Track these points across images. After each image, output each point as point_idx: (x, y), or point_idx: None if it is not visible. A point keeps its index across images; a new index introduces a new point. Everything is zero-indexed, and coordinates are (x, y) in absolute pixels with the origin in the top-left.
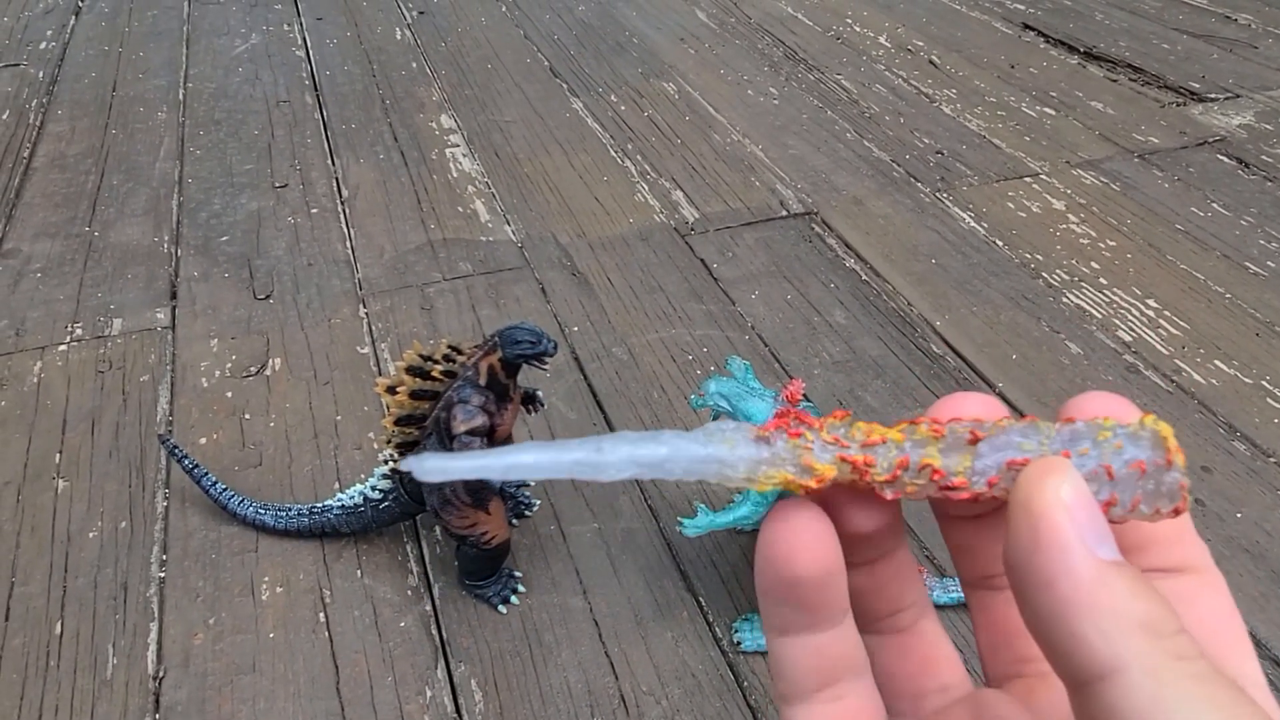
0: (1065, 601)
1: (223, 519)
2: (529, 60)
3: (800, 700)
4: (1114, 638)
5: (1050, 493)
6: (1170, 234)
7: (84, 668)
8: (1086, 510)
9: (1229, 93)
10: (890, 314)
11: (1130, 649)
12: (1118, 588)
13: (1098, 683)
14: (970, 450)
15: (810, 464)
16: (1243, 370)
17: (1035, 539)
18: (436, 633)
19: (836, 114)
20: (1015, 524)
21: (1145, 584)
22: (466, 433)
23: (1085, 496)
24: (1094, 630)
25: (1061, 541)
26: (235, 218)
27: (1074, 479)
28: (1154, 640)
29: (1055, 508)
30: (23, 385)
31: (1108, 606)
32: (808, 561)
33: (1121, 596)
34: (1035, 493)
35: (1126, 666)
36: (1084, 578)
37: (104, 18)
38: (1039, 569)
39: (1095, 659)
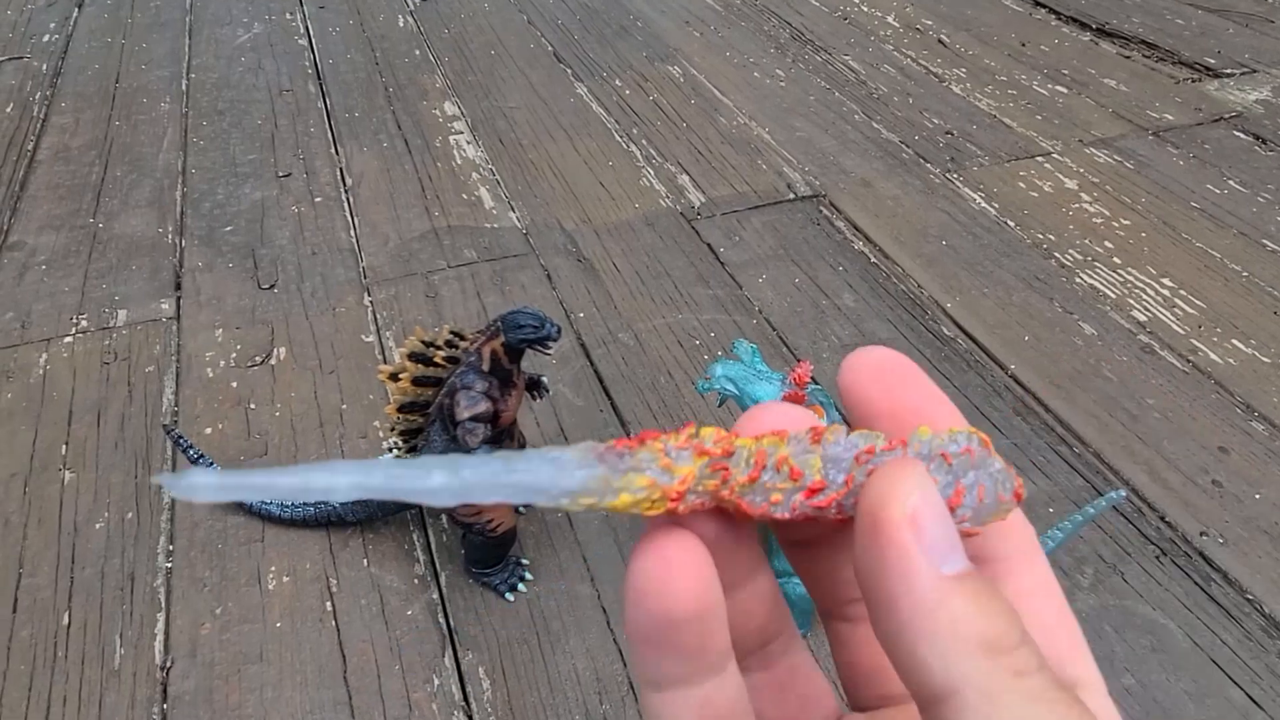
0: (905, 623)
1: (228, 509)
2: (532, 46)
3: None
4: (950, 659)
5: (895, 503)
6: (1185, 212)
7: (91, 658)
8: (934, 519)
9: (1245, 68)
10: (900, 296)
11: (965, 670)
12: (957, 606)
13: (938, 705)
14: (817, 449)
15: (669, 465)
16: (1261, 349)
17: (879, 556)
18: (444, 621)
19: (844, 95)
20: (860, 535)
21: (989, 596)
22: (470, 419)
23: (933, 504)
24: (931, 652)
25: (904, 559)
26: (239, 208)
27: (922, 483)
28: (991, 659)
29: (899, 521)
30: (29, 377)
31: (946, 627)
32: (686, 596)
33: (961, 615)
34: (880, 502)
35: (961, 688)
36: (924, 598)
37: (106, 9)
38: (881, 587)
39: (933, 681)
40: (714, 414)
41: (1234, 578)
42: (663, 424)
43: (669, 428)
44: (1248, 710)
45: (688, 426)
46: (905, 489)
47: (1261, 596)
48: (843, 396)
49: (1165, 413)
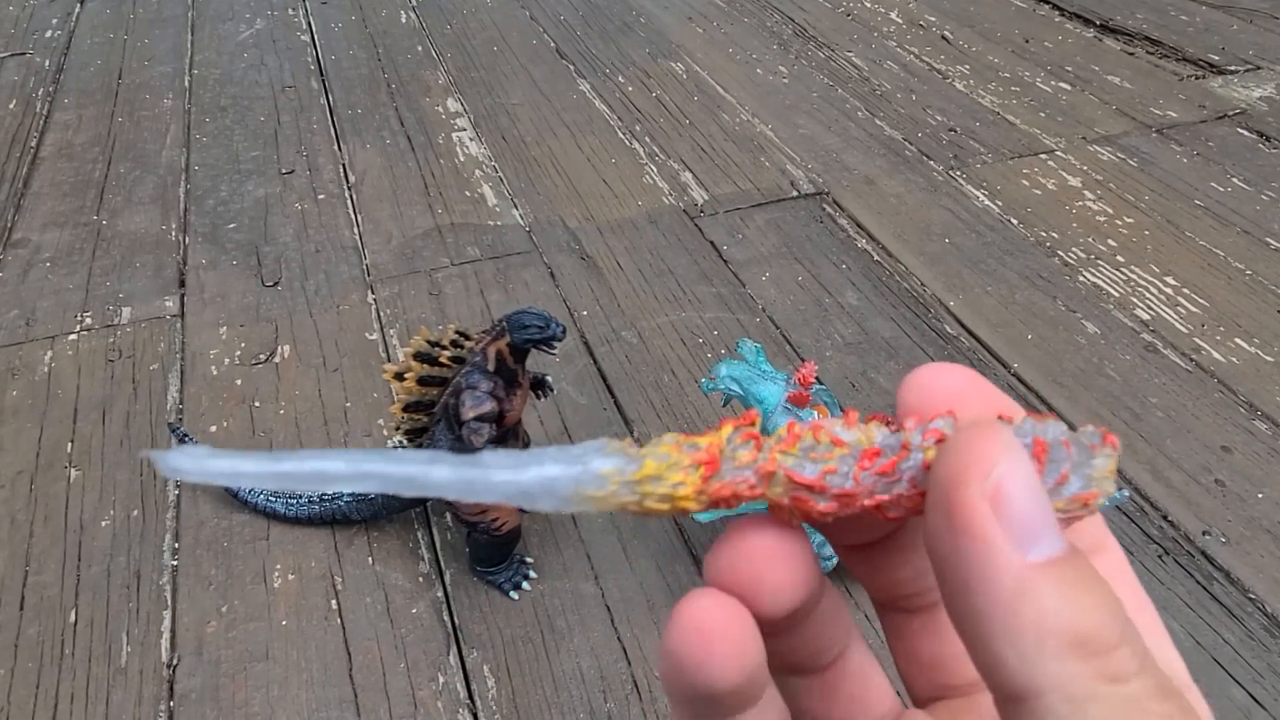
0: (982, 616)
1: (234, 507)
2: (535, 42)
3: None
4: (1033, 660)
5: (974, 481)
6: (1189, 210)
7: (98, 656)
8: (1022, 496)
9: (1249, 64)
10: (903, 294)
11: (1051, 672)
12: (1045, 598)
13: (1017, 704)
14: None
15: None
16: (1264, 348)
17: (953, 539)
18: (449, 619)
19: (847, 92)
20: (932, 515)
21: (1085, 587)
22: (475, 419)
23: (1022, 476)
24: (1011, 651)
25: (982, 544)
26: (242, 205)
27: (1009, 454)
28: (1082, 660)
29: (977, 506)
30: (34, 375)
31: (1030, 623)
32: (726, 670)
33: (1049, 610)
34: (956, 480)
35: (1045, 692)
36: (1005, 590)
37: (109, 5)
38: (956, 574)
39: (1012, 681)
40: (719, 413)
41: (1236, 577)
42: (666, 423)
43: (674, 427)
44: (1249, 709)
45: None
46: (987, 457)
47: (1264, 596)
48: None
49: (1168, 411)
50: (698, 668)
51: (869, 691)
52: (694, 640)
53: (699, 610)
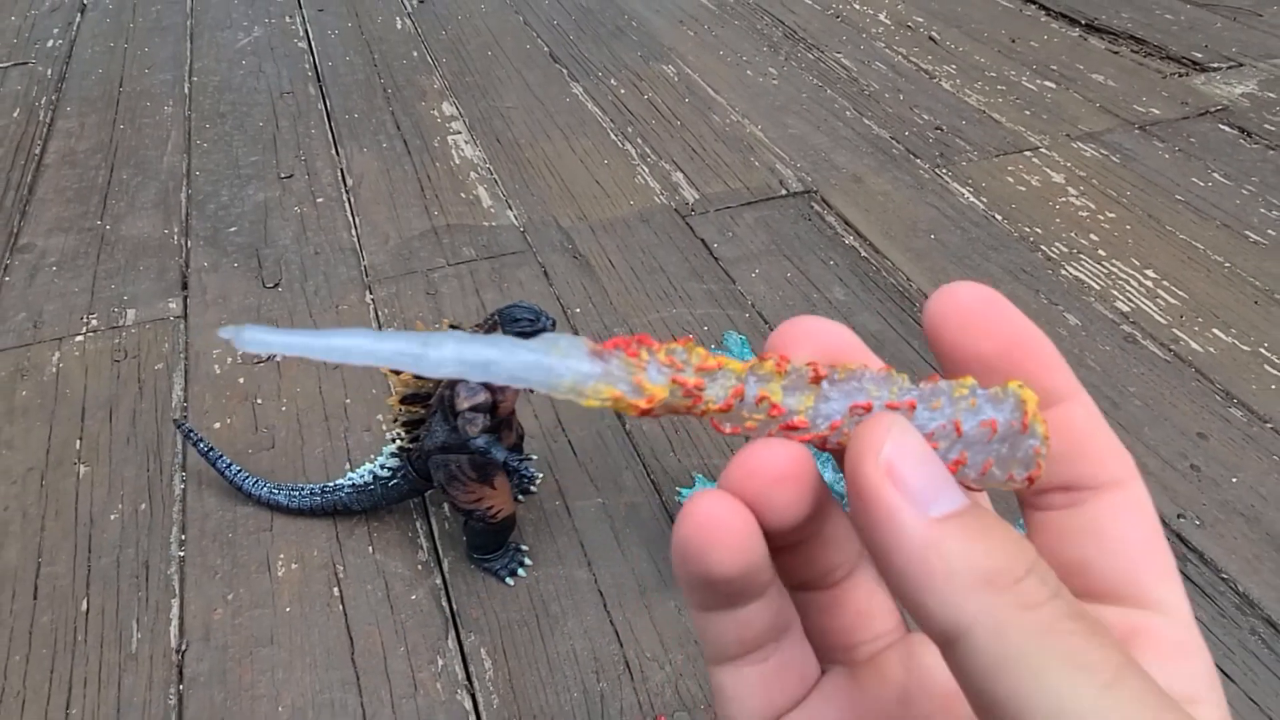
0: (901, 574)
1: (238, 500)
2: (529, 46)
3: (728, 663)
4: (951, 602)
5: (869, 458)
6: (1170, 205)
7: (110, 642)
8: (914, 465)
9: (1232, 61)
10: (889, 290)
11: (970, 609)
12: (950, 546)
13: (951, 647)
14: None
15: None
16: (1241, 338)
17: (865, 514)
18: (447, 605)
19: (836, 92)
20: (849, 497)
21: (985, 530)
22: (470, 409)
23: (912, 450)
24: (931, 599)
25: (887, 511)
26: (243, 209)
27: (898, 432)
28: (995, 593)
29: (874, 477)
30: (42, 375)
31: (940, 570)
32: (727, 560)
33: (955, 554)
34: (859, 459)
35: (969, 629)
36: (913, 546)
37: (109, 14)
38: (873, 543)
39: (939, 626)
40: None
41: (1210, 558)
42: (659, 420)
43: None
44: (1221, 683)
45: (686, 340)
46: (877, 440)
47: (1236, 576)
48: (929, 343)
49: (1146, 400)
50: (701, 555)
51: (874, 608)
52: (699, 531)
53: (706, 506)
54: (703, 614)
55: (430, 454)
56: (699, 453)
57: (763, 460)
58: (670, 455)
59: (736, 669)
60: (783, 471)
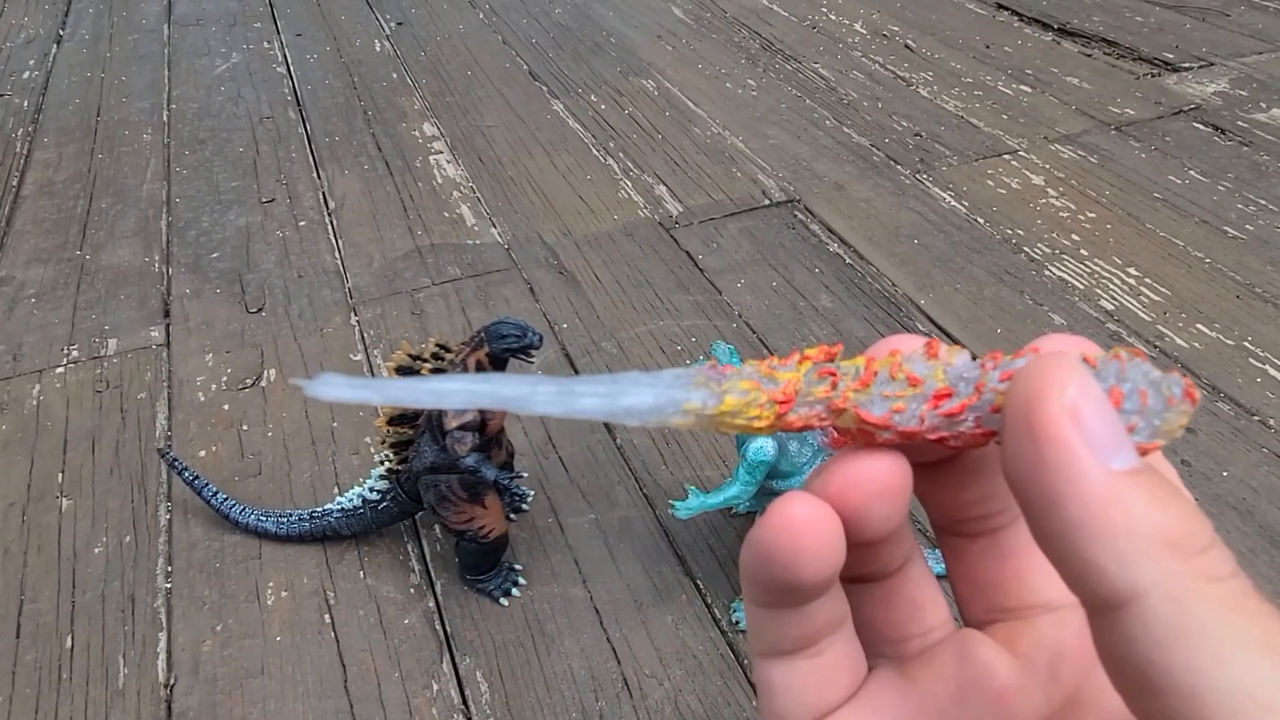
0: (1074, 525)
1: (225, 528)
2: (508, 65)
3: (780, 657)
4: (1130, 561)
5: (1052, 397)
6: (1149, 203)
7: (96, 679)
8: (1096, 413)
9: (1203, 61)
10: (875, 295)
11: (1149, 573)
12: (1134, 503)
13: (1115, 610)
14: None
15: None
16: (1225, 332)
17: (1036, 454)
18: (440, 628)
19: (815, 102)
20: (1012, 435)
21: (1170, 493)
22: (458, 428)
23: (1094, 396)
24: (1107, 554)
25: (1068, 455)
26: (224, 234)
27: (1080, 376)
28: (1178, 560)
29: (1057, 416)
30: (22, 408)
31: (1122, 526)
32: (814, 567)
33: (1140, 513)
34: (1033, 397)
35: (1145, 593)
36: (1094, 496)
37: (85, 44)
38: (1042, 489)
39: (1111, 586)
40: None
41: None
42: (647, 428)
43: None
44: None
45: (792, 354)
46: (1061, 379)
47: None
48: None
49: None
50: (788, 560)
51: (925, 601)
52: (788, 536)
53: (799, 511)
54: (763, 610)
55: (420, 475)
56: (691, 465)
57: (865, 472)
58: (662, 468)
59: (790, 663)
60: (886, 485)
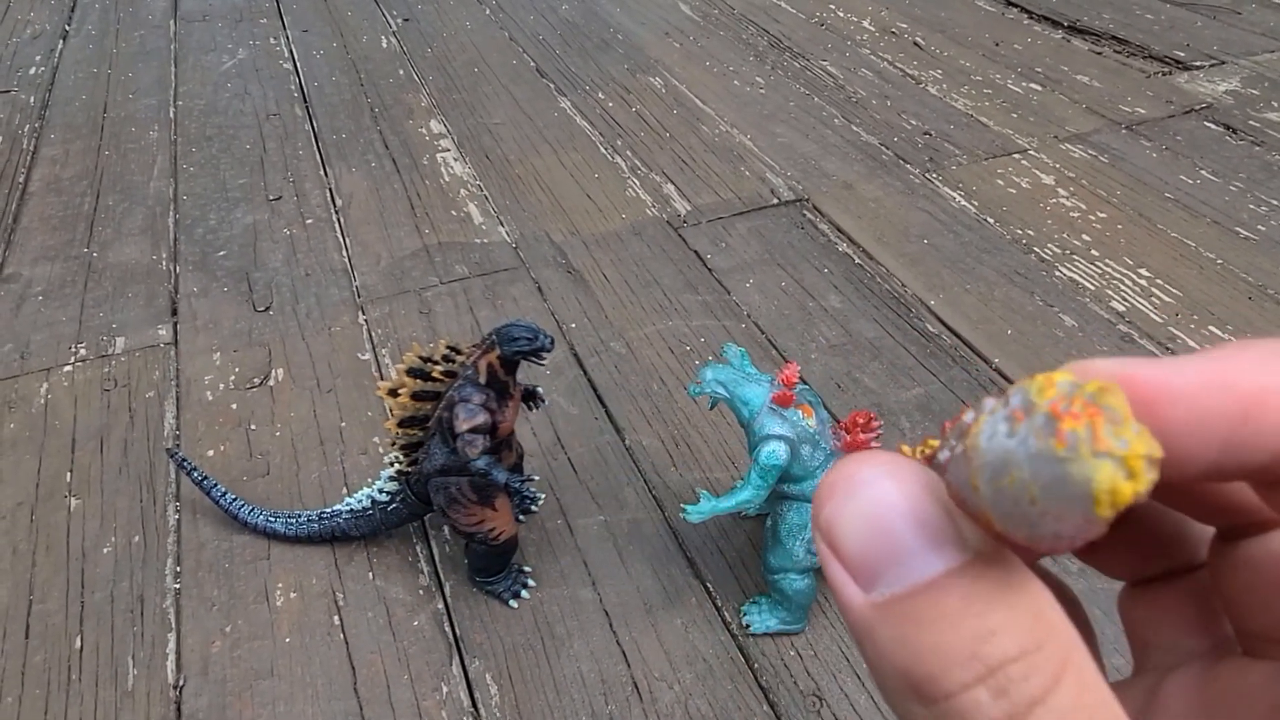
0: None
1: (234, 529)
2: (515, 62)
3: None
4: (890, 698)
5: (818, 512)
6: (1160, 203)
7: (105, 680)
8: (854, 533)
9: (1214, 59)
10: (885, 296)
11: (902, 712)
12: (881, 640)
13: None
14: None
15: None
16: (1236, 334)
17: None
18: (450, 630)
19: (823, 100)
20: None
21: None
22: (469, 431)
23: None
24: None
25: (832, 578)
26: (231, 232)
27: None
28: (921, 705)
29: (819, 538)
30: (30, 407)
31: (874, 663)
32: None
33: (885, 652)
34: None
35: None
36: (854, 624)
37: (91, 40)
38: None
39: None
40: (705, 416)
41: None
42: (656, 430)
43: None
44: None
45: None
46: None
47: None
48: None
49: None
50: None
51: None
52: None
53: None
54: None
55: (430, 477)
56: (700, 467)
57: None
58: (671, 470)
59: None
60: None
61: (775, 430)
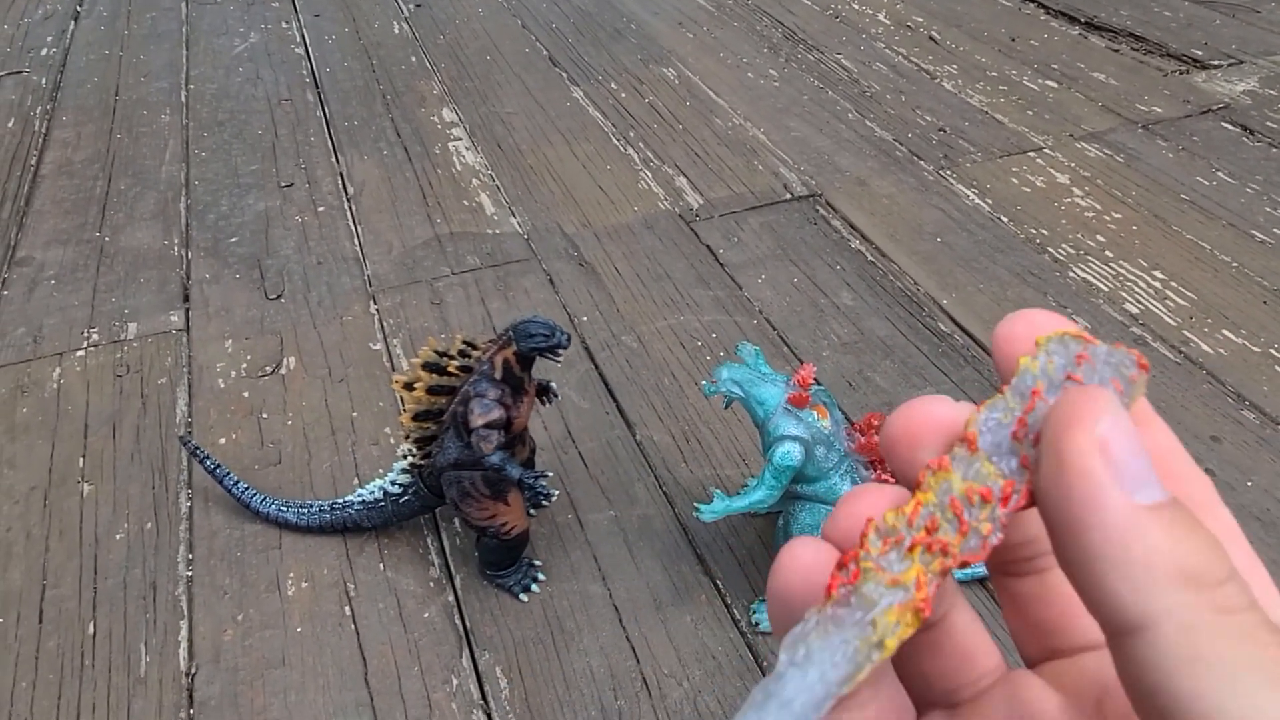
0: (1095, 553)
1: (246, 517)
2: (528, 50)
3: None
4: (1145, 590)
5: (1083, 430)
6: (1175, 204)
7: (118, 666)
8: (1125, 447)
9: (1232, 59)
10: (897, 294)
11: (1162, 602)
12: (1153, 536)
13: (1129, 636)
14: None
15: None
16: (1251, 339)
17: (1065, 484)
18: (460, 622)
19: (837, 94)
20: (1045, 466)
21: (1190, 528)
22: (484, 426)
23: (1124, 430)
24: (1124, 584)
25: (1093, 487)
26: (243, 218)
27: (1112, 412)
28: (1192, 592)
29: (1086, 449)
30: (43, 391)
31: (1140, 557)
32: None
33: (1157, 546)
34: (1065, 434)
35: (1158, 621)
36: (1115, 527)
37: (103, 21)
38: (1068, 517)
39: (1127, 614)
40: (716, 413)
41: None
42: (668, 425)
43: (675, 430)
44: None
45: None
46: (1093, 414)
47: None
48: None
49: (1158, 403)
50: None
51: (975, 647)
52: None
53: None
54: None
55: (443, 471)
56: (711, 463)
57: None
58: (682, 466)
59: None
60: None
61: (790, 431)
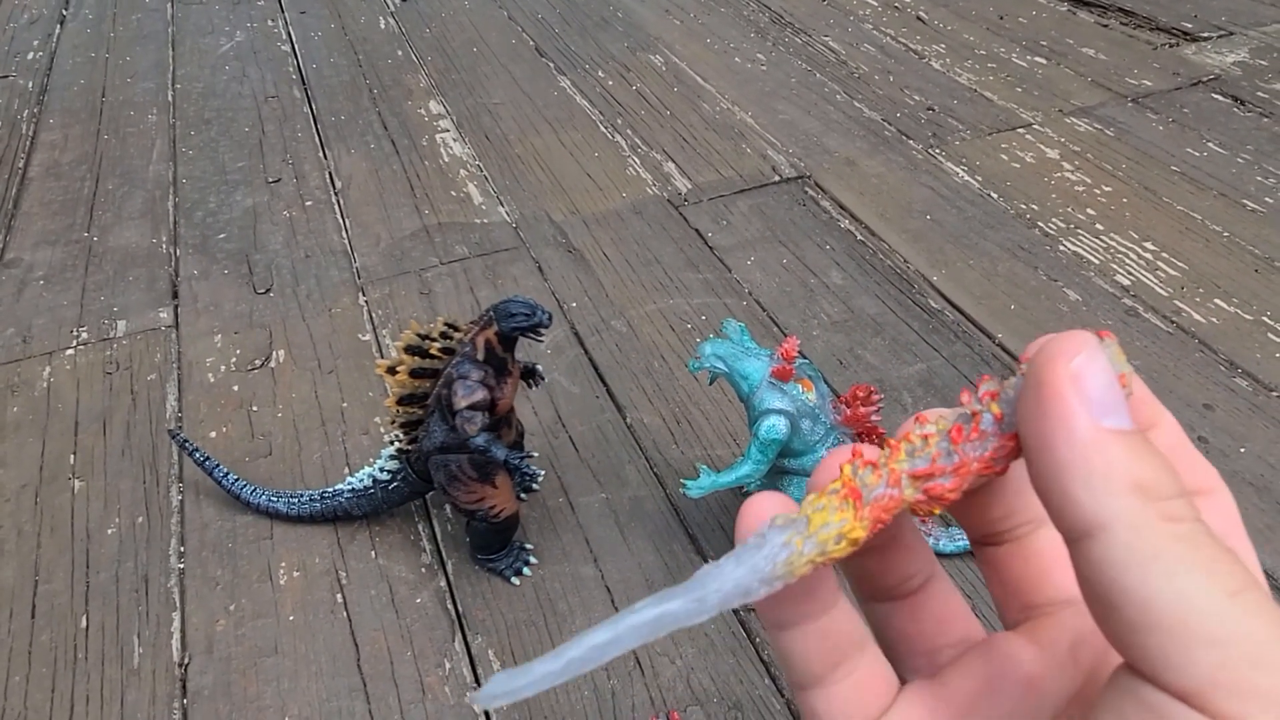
0: (1060, 463)
1: (237, 509)
2: (514, 41)
3: (813, 685)
4: (1100, 496)
5: (1062, 361)
6: (1166, 176)
7: (111, 658)
8: (1096, 379)
9: (1222, 30)
10: (887, 272)
11: (1115, 507)
12: (1114, 451)
13: (1085, 539)
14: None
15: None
16: (1243, 307)
17: (1040, 406)
18: (452, 607)
19: (825, 76)
20: (1025, 394)
21: (1149, 452)
22: (468, 407)
23: (1099, 367)
24: (1082, 488)
25: (1063, 408)
26: (231, 215)
27: (1091, 350)
28: (1142, 500)
29: (1061, 377)
30: (33, 390)
31: (1099, 467)
32: None
33: (1116, 459)
34: (1046, 365)
35: (1109, 524)
36: (1080, 442)
37: (88, 24)
38: (1040, 434)
39: (1082, 516)
40: (706, 394)
41: None
42: (658, 408)
43: (665, 413)
44: None
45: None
46: (1074, 349)
47: None
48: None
49: (1150, 373)
50: None
51: (954, 614)
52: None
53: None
54: (782, 634)
55: (430, 455)
56: (702, 444)
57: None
58: (673, 447)
59: (825, 690)
60: None
61: (775, 405)
